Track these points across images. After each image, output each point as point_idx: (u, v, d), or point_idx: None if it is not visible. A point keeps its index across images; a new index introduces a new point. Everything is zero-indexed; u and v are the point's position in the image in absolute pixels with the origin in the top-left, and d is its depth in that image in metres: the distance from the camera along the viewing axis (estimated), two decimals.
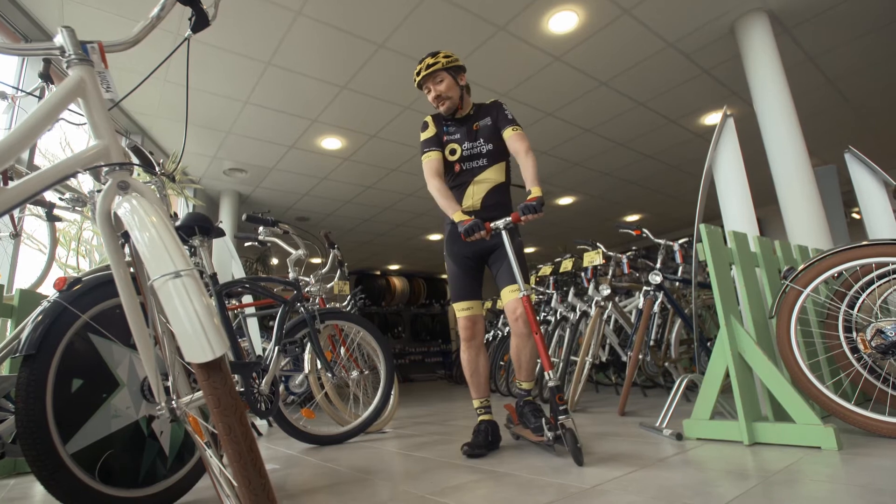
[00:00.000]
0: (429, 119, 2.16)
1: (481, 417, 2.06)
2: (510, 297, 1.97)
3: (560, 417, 1.62)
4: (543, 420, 1.80)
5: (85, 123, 0.90)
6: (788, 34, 3.59)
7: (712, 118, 4.90)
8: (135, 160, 1.72)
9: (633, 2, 3.19)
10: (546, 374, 1.68)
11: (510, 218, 1.86)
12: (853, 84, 4.48)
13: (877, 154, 5.75)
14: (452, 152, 2.10)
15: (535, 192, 1.85)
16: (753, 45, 3.34)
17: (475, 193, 2.08)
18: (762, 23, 3.32)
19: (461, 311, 2.09)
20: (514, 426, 2.09)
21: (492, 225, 1.87)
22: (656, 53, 3.74)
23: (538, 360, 2.17)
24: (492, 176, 2.08)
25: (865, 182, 2.52)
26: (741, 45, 3.41)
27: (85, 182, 2.00)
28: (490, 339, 5.29)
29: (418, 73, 2.07)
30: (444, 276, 12.04)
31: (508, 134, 2.05)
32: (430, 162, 2.07)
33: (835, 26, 3.57)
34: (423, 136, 2.13)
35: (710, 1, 3.25)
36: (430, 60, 2.05)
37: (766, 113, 3.28)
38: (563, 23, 3.34)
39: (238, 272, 3.28)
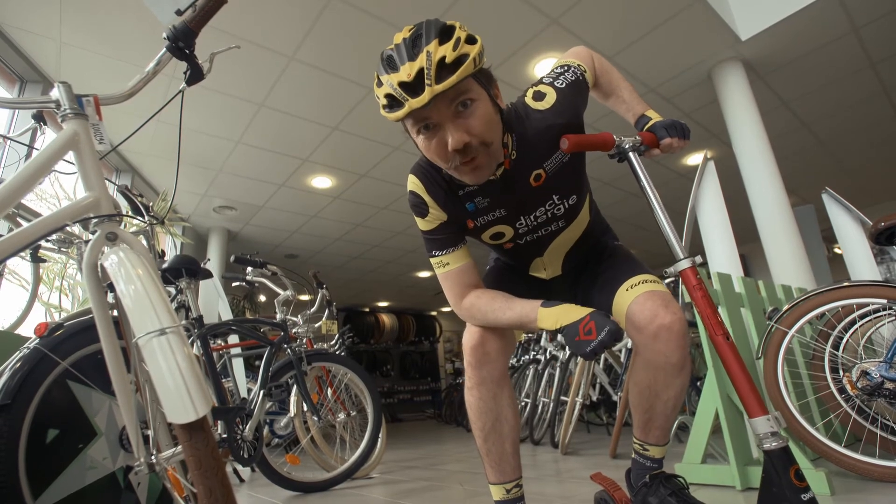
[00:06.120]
0: (417, 187, 1.13)
1: None
2: (639, 294, 1.06)
3: None
4: None
5: (76, 173, 0.91)
6: (762, 81, 3.75)
7: (694, 158, 5.05)
8: (124, 203, 1.72)
9: (615, 50, 3.34)
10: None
11: (640, 138, 1.12)
12: (826, 127, 4.67)
13: (852, 193, 5.93)
14: (496, 236, 1.20)
15: (654, 115, 1.20)
16: (730, 90, 3.48)
17: (550, 263, 1.28)
18: (737, 70, 3.47)
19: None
20: None
21: (616, 139, 1.12)
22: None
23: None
24: (574, 231, 1.24)
25: (843, 222, 2.59)
26: (718, 90, 3.56)
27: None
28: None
29: (408, 90, 0.90)
30: (434, 314, 11.89)
31: (592, 80, 1.34)
32: (449, 276, 1.15)
33: (805, 74, 3.75)
34: (422, 226, 1.16)
35: (686, 50, 3.40)
36: (434, 49, 0.88)
37: (744, 155, 3.39)
38: (547, 69, 3.46)
39: (225, 312, 3.25)
